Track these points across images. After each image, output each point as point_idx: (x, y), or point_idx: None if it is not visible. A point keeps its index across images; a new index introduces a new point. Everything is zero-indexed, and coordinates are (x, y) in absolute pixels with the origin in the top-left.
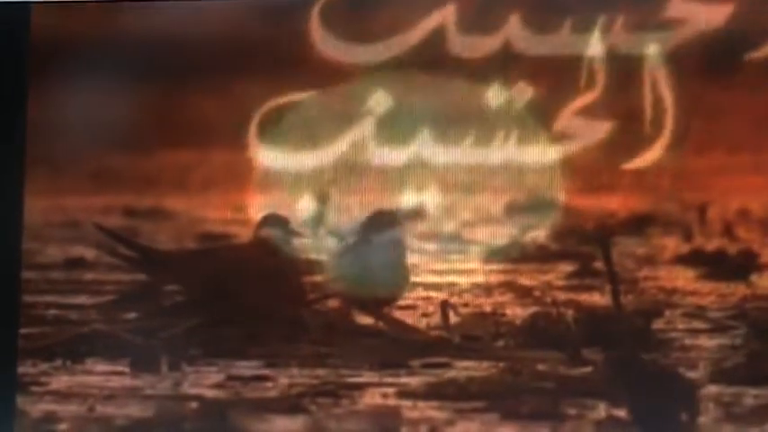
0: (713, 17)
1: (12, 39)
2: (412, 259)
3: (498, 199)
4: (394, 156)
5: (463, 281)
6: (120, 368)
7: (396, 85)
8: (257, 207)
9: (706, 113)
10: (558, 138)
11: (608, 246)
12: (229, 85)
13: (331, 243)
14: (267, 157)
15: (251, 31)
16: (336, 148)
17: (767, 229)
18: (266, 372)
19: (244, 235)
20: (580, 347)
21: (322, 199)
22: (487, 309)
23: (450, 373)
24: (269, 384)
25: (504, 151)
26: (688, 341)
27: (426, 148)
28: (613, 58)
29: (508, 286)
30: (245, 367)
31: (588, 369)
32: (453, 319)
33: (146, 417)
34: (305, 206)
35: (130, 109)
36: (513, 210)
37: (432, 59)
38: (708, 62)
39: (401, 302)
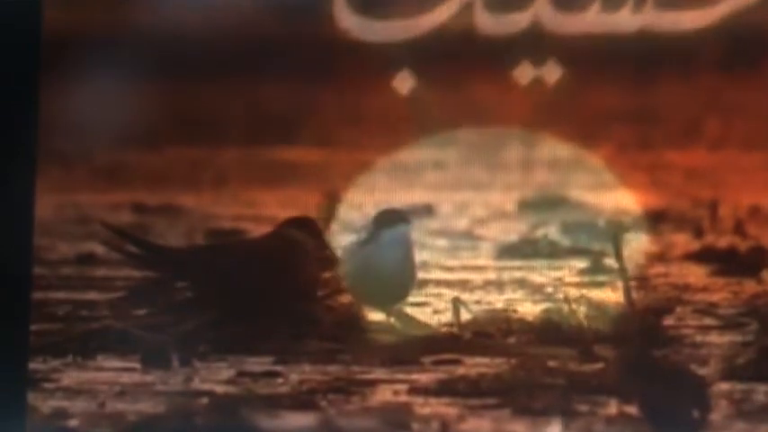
0: None
1: (24, 33)
2: (421, 256)
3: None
4: (505, 23)
5: (475, 277)
6: (130, 364)
7: None
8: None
9: None
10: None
11: (619, 242)
12: (242, 82)
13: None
14: (357, 26)
15: (266, 27)
16: (436, 15)
17: None
18: (277, 368)
19: (255, 231)
20: (591, 344)
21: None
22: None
23: (462, 370)
24: (280, 380)
25: (640, 17)
26: (699, 338)
27: (545, 14)
28: None
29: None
30: (256, 363)
31: (599, 365)
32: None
33: (157, 412)
34: (401, 84)
35: (142, 105)
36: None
37: None
38: None
39: (412, 299)
